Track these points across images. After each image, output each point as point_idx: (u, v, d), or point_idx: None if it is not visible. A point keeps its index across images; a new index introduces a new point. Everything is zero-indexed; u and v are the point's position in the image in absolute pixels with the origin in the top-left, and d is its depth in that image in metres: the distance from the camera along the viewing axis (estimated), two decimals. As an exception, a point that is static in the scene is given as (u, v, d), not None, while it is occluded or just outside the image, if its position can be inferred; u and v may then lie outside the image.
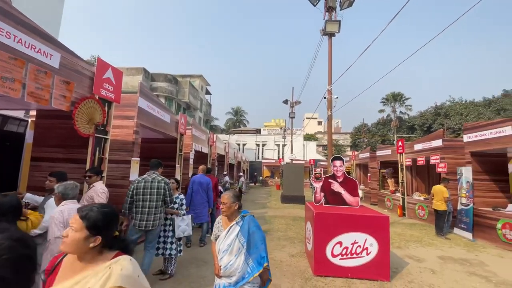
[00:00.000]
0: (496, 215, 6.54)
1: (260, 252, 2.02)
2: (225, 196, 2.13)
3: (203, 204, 5.69)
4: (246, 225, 2.08)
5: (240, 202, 2.19)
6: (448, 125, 25.07)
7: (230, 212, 2.12)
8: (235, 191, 2.26)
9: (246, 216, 2.15)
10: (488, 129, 6.90)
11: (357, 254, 4.17)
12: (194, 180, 5.77)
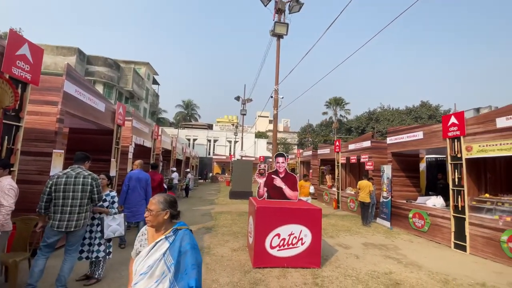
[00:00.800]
0: (409, 206, 7.77)
1: (189, 281, 1.45)
2: (153, 200, 1.66)
3: (140, 202, 5.31)
4: (178, 241, 1.56)
5: (173, 210, 1.69)
6: (378, 129, 28.75)
7: (157, 223, 1.63)
8: (168, 195, 1.76)
9: (181, 230, 1.62)
10: (405, 133, 8.12)
11: (293, 245, 4.45)
12: (131, 176, 5.33)
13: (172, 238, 1.59)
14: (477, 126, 5.81)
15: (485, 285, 4.05)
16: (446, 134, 6.48)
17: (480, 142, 5.68)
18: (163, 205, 1.65)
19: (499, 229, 5.18)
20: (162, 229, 1.66)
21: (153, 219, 1.63)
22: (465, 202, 5.88)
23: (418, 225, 7.25)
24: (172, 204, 1.70)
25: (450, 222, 6.20)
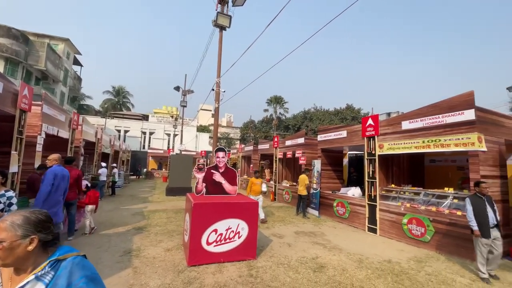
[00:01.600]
0: (333, 196, 8.73)
1: None
2: (2, 224, 1.04)
3: (61, 202, 4.52)
4: (63, 279, 1.02)
5: (45, 233, 1.10)
6: (311, 127, 31.53)
7: (15, 259, 1.03)
8: (31, 211, 1.11)
9: (66, 261, 1.07)
10: (332, 132, 9.06)
11: (230, 239, 4.46)
12: (57, 174, 4.43)
13: (49, 276, 1.04)
14: (387, 128, 6.90)
15: (391, 261, 4.85)
16: (364, 133, 7.49)
17: (389, 141, 6.76)
18: (22, 230, 1.05)
19: (401, 213, 6.30)
20: (27, 266, 1.06)
21: (6, 254, 1.01)
22: (377, 192, 6.94)
23: (341, 213, 8.23)
24: (40, 225, 1.10)
25: (365, 209, 7.24)
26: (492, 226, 4.10)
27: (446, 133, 5.48)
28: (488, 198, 4.29)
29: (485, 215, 4.11)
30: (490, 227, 4.06)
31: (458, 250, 5.10)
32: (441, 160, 8.62)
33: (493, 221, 4.11)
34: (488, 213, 4.12)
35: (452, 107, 5.43)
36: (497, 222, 4.14)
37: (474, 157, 5.07)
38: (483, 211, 4.14)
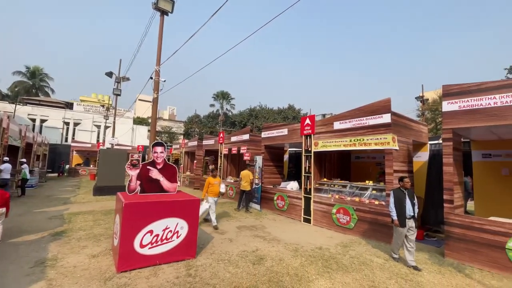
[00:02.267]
0: (274, 190, 9.14)
1: None
2: None
3: None
4: None
5: None
6: (256, 124, 32.35)
7: None
8: None
9: None
10: (275, 129, 9.45)
11: (168, 240, 4.22)
12: None
13: None
14: (322, 127, 7.54)
15: (322, 248, 5.34)
16: (303, 132, 8.04)
17: (323, 139, 7.41)
18: None
19: (331, 204, 7.00)
20: None
21: None
22: (312, 185, 7.55)
23: (280, 206, 8.68)
24: None
25: (301, 202, 7.80)
26: (409, 217, 4.49)
27: (369, 133, 6.30)
28: (409, 191, 4.66)
29: (404, 207, 4.50)
30: (407, 217, 4.47)
31: (375, 235, 5.96)
32: (364, 156, 9.91)
33: (410, 213, 4.50)
34: (406, 205, 4.51)
35: (374, 111, 6.27)
36: (413, 214, 4.52)
37: (389, 155, 5.96)
38: (403, 203, 4.52)
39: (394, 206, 4.60)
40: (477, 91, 4.70)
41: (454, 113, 4.96)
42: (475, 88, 4.73)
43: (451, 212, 4.89)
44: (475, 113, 4.69)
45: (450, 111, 5.02)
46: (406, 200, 4.55)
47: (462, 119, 4.85)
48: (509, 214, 5.52)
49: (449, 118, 5.02)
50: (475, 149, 6.70)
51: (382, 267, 4.40)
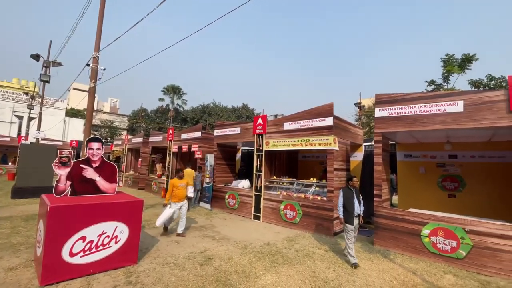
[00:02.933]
0: (226, 189, 9.10)
1: None
2: None
3: None
4: None
5: None
6: (209, 122, 31.67)
7: None
8: None
9: None
10: (228, 127, 9.41)
11: (104, 246, 3.82)
12: None
13: None
14: (273, 127, 7.80)
15: (269, 244, 5.51)
16: (255, 131, 8.19)
17: (274, 139, 7.68)
18: None
19: (279, 201, 7.29)
20: None
21: None
22: (262, 183, 7.76)
23: (231, 204, 8.69)
24: None
25: (252, 199, 7.95)
26: (356, 215, 4.61)
27: (314, 134, 6.76)
28: (356, 191, 4.75)
29: (352, 205, 4.59)
30: (354, 215, 4.58)
31: (317, 228, 6.43)
32: (310, 156, 10.61)
33: (357, 211, 4.62)
34: (355, 204, 4.62)
35: (319, 114, 6.75)
36: (360, 212, 4.64)
37: (331, 154, 6.50)
38: (351, 202, 4.61)
39: (342, 205, 4.67)
40: (402, 101, 5.46)
41: (384, 119, 5.67)
42: (401, 98, 5.49)
43: (379, 205, 5.59)
44: (400, 120, 5.44)
45: (381, 117, 5.72)
46: (354, 199, 4.64)
47: (390, 124, 5.58)
48: (425, 206, 6.59)
49: (380, 123, 5.72)
50: (399, 150, 7.80)
51: (323, 257, 4.78)
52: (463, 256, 4.48)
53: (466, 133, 5.43)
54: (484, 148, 6.49)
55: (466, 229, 4.50)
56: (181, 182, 5.95)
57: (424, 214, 5.11)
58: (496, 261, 4.20)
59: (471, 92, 4.77)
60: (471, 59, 12.53)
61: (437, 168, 7.14)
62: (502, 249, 4.18)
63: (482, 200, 6.37)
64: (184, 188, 5.98)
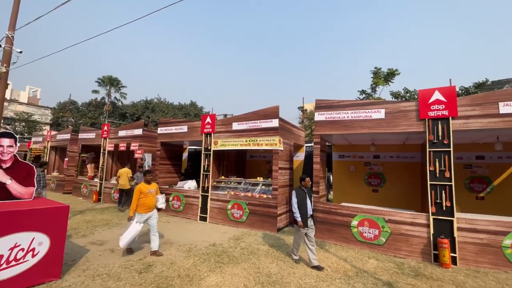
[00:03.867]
0: (170, 191, 8.64)
1: None
2: None
3: None
4: None
5: None
6: (153, 119, 29.53)
7: None
8: None
9: None
10: (174, 125, 8.96)
11: (18, 261, 3.21)
12: None
13: None
14: (222, 127, 7.76)
15: (215, 244, 5.46)
16: (203, 130, 8.01)
17: (223, 138, 7.64)
18: None
19: (227, 200, 7.29)
20: None
21: None
22: (210, 183, 7.64)
23: (176, 206, 8.31)
24: None
25: (199, 200, 7.75)
26: (309, 216, 4.45)
27: (261, 135, 6.98)
28: (308, 190, 4.60)
29: (305, 206, 4.42)
30: (307, 217, 4.41)
31: (262, 225, 6.66)
32: (257, 156, 10.91)
33: (310, 212, 4.46)
34: (307, 205, 4.45)
35: (266, 115, 7.00)
36: (312, 213, 4.53)
37: (276, 154, 6.81)
38: (304, 203, 4.43)
39: (297, 206, 4.44)
40: (337, 107, 6.08)
41: (322, 123, 6.22)
42: (336, 104, 6.11)
43: (317, 201, 6.11)
44: (335, 124, 6.05)
45: (319, 120, 6.26)
46: (306, 200, 4.48)
47: (327, 127, 6.15)
48: (355, 200, 7.46)
49: (319, 126, 6.26)
50: (335, 151, 8.66)
51: (267, 253, 4.98)
52: (383, 243, 5.24)
53: (387, 136, 6.37)
54: (400, 149, 7.72)
55: (385, 218, 5.29)
56: (150, 187, 4.86)
57: (353, 207, 5.80)
58: (408, 245, 5.04)
59: (391, 102, 5.63)
60: (394, 73, 14.72)
61: (364, 166, 8.19)
62: (412, 234, 5.03)
63: (399, 193, 7.56)
64: (153, 195, 4.90)
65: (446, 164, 4.84)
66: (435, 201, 4.84)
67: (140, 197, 4.72)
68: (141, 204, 4.73)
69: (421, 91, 5.26)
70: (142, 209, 4.74)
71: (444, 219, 4.75)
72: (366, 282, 3.83)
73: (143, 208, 4.75)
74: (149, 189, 4.82)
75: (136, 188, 4.76)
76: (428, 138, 5.03)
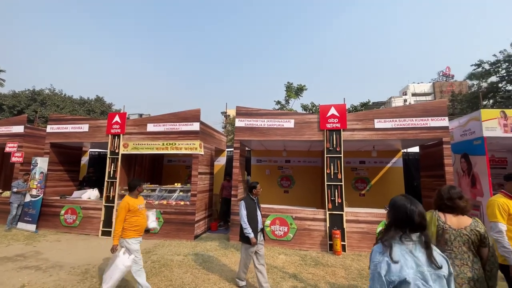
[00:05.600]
0: (62, 202, 7.14)
1: None
2: None
3: None
4: None
5: None
6: (42, 114, 23.82)
7: None
8: None
9: None
10: (70, 123, 7.50)
11: None
12: None
13: None
14: (134, 128, 7.00)
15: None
16: (109, 130, 7.03)
17: (135, 141, 6.90)
18: None
19: (137, 210, 6.56)
20: None
21: None
22: (116, 192, 6.72)
23: (70, 221, 6.93)
24: None
25: (101, 212, 6.70)
26: (260, 230, 3.82)
27: (180, 138, 6.68)
28: (257, 200, 3.97)
29: (256, 219, 3.75)
30: (258, 231, 3.74)
31: (178, 234, 6.32)
32: (175, 160, 10.35)
33: (260, 225, 3.83)
34: (258, 217, 3.80)
35: (186, 118, 6.75)
36: (262, 226, 3.93)
37: (196, 159, 6.64)
38: (254, 215, 3.77)
39: (247, 220, 3.67)
40: (255, 115, 6.47)
41: (242, 129, 6.47)
42: (255, 112, 6.49)
43: (235, 204, 6.28)
44: (253, 130, 6.41)
45: (239, 126, 6.50)
46: (257, 211, 3.82)
47: (246, 133, 6.44)
48: (270, 201, 8.00)
49: (239, 132, 6.49)
50: (253, 155, 9.14)
51: (181, 263, 4.75)
52: (291, 238, 5.83)
53: (295, 143, 7.17)
54: (306, 155, 8.82)
55: (293, 216, 5.91)
56: (139, 202, 3.68)
57: (268, 208, 6.25)
58: (310, 238, 5.77)
59: (299, 114, 6.41)
60: (303, 88, 16.86)
61: (278, 170, 8.97)
62: (313, 228, 5.80)
63: (305, 193, 8.59)
64: (144, 212, 3.75)
65: (338, 168, 5.84)
66: (331, 199, 5.76)
67: (127, 216, 3.50)
68: (133, 225, 3.52)
69: (321, 106, 6.20)
70: (135, 233, 3.55)
71: (337, 213, 5.70)
72: (276, 277, 4.17)
73: (137, 230, 3.56)
74: (139, 205, 3.64)
75: (120, 206, 3.49)
76: (326, 146, 5.97)
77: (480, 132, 5.78)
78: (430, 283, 1.25)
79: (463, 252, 1.96)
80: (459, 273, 1.92)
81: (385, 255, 1.34)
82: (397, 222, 1.44)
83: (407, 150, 8.34)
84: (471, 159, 6.15)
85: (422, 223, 1.39)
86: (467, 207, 2.05)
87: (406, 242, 1.36)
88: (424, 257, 1.32)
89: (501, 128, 5.67)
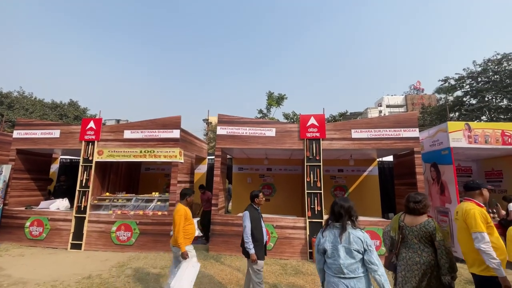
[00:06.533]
0: (27, 214, 6.62)
1: None
2: None
3: None
4: None
5: None
6: (9, 117, 22.18)
7: None
8: None
9: None
10: (40, 128, 7.05)
11: None
12: None
13: None
14: (110, 134, 6.72)
15: (91, 277, 4.51)
16: (83, 137, 6.69)
17: (111, 148, 6.61)
18: None
19: (112, 221, 6.24)
20: None
21: None
22: (88, 202, 6.36)
23: (36, 234, 6.42)
24: None
25: (71, 224, 6.29)
26: (264, 244, 3.55)
27: (159, 145, 6.50)
28: (259, 210, 3.70)
29: (261, 231, 3.45)
30: (264, 245, 3.50)
31: (155, 245, 6.06)
32: (154, 168, 10.03)
33: (265, 237, 3.59)
34: (263, 229, 3.52)
35: (165, 125, 6.60)
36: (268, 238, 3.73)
37: (175, 167, 6.47)
38: (260, 227, 3.46)
39: (250, 234, 3.35)
40: (237, 123, 6.47)
41: (223, 136, 6.44)
42: (237, 121, 6.50)
43: (215, 214, 6.17)
44: (235, 138, 6.39)
45: (221, 134, 6.46)
46: (261, 222, 3.55)
47: (228, 141, 6.41)
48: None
49: (220, 140, 6.45)
50: (235, 164, 9.09)
51: (158, 277, 4.54)
52: (271, 247, 5.79)
53: (277, 152, 7.25)
54: (287, 163, 8.92)
55: (274, 225, 5.90)
56: (186, 210, 3.68)
57: (249, 217, 6.18)
58: (291, 247, 5.78)
59: (280, 123, 6.50)
60: (283, 97, 17.22)
61: (259, 178, 8.97)
62: (294, 237, 5.81)
63: (286, 201, 8.63)
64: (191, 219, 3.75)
65: (318, 176, 5.96)
66: (310, 207, 5.84)
67: (184, 223, 3.53)
68: (188, 233, 3.59)
69: (301, 116, 6.35)
70: (189, 241, 3.64)
71: (317, 221, 5.77)
72: (255, 288, 4.10)
73: (190, 238, 3.66)
74: (187, 212, 3.66)
75: (179, 214, 3.50)
76: (306, 155, 6.08)
77: (447, 143, 6.19)
78: (340, 253, 2.02)
79: (414, 243, 2.52)
80: (410, 257, 2.51)
81: (320, 232, 2.24)
82: (329, 213, 2.25)
83: (382, 159, 8.70)
84: (440, 168, 6.55)
85: (340, 212, 2.14)
86: (420, 210, 2.53)
87: (333, 226, 2.17)
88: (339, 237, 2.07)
89: (465, 139, 6.10)
